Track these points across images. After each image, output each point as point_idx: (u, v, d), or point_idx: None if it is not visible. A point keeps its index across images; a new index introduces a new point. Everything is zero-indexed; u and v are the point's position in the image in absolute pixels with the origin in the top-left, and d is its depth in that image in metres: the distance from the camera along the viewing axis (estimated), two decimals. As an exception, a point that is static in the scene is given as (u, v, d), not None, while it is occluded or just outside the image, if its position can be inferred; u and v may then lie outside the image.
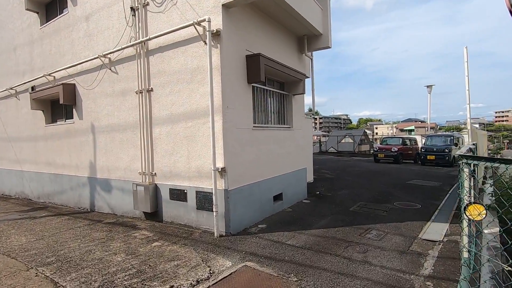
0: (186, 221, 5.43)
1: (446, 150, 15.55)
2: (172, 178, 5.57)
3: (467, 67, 4.39)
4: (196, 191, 5.22)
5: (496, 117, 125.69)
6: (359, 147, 32.91)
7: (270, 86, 6.60)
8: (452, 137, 16.55)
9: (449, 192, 8.46)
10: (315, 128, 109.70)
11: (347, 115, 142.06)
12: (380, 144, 19.52)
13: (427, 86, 19.80)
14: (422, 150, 16.66)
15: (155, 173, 5.83)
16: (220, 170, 4.78)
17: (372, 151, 29.75)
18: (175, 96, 5.42)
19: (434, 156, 15.82)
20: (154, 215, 5.88)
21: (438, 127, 23.05)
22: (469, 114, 4.49)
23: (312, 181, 8.54)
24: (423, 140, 22.14)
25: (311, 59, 7.86)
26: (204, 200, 5.09)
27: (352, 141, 32.86)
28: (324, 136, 45.78)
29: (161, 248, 4.41)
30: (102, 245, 4.64)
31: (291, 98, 7.14)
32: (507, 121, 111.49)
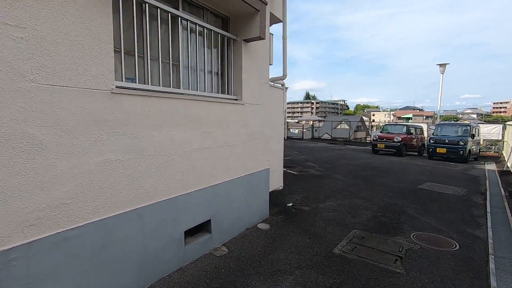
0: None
1: (461, 143, 12.65)
2: None
3: None
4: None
5: (494, 108, 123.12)
6: (355, 134, 30.47)
7: (193, 16, 3.44)
8: (468, 127, 13.61)
9: (489, 211, 5.56)
10: (312, 113, 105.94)
11: (344, 101, 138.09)
12: (380, 132, 16.50)
13: (440, 65, 16.58)
14: (431, 141, 13.74)
15: None
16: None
17: (369, 140, 27.05)
18: None
19: (445, 149, 12.94)
20: None
21: (437, 116, 20.11)
22: None
23: (281, 187, 5.56)
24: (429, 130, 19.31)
25: (284, -16, 4.64)
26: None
27: (348, 127, 30.33)
28: (319, 121, 42.96)
29: None
30: None
31: (241, 46, 3.98)
32: (505, 112, 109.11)
